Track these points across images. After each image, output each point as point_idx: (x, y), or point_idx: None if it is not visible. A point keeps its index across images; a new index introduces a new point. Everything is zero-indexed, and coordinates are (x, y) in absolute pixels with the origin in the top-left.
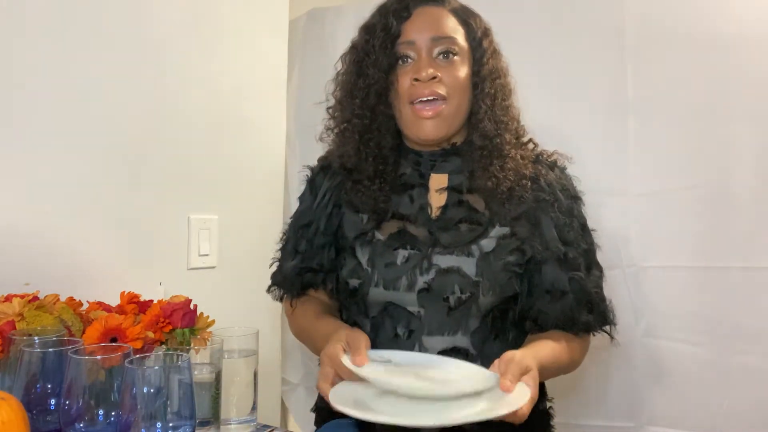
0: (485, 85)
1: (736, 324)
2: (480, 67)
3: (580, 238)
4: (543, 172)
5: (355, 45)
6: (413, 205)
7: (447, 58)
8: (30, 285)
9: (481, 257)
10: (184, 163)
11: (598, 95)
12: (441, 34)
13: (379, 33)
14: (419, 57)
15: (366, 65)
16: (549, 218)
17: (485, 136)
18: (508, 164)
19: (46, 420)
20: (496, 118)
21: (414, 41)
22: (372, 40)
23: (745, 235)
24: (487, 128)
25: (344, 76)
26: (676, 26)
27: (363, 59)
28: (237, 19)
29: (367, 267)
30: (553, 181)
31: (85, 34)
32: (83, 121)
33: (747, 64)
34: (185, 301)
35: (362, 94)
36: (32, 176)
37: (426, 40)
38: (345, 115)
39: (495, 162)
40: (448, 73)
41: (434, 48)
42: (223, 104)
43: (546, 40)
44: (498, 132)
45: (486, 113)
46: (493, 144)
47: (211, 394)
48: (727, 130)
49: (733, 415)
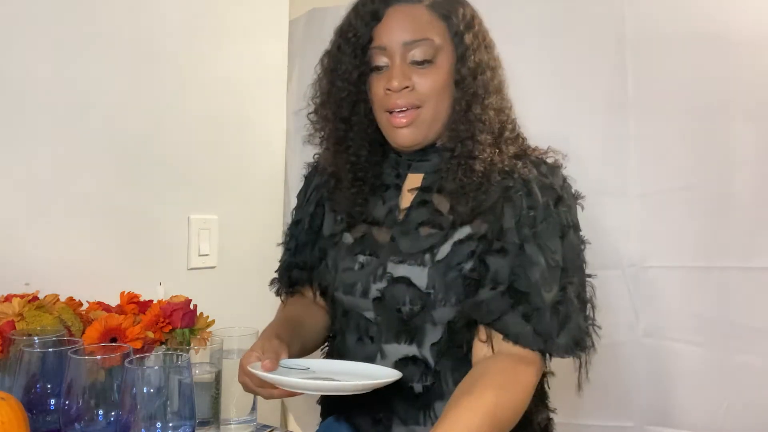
0: (465, 85)
1: (736, 324)
2: (462, 65)
3: (557, 241)
4: (520, 166)
5: (328, 51)
6: (384, 207)
7: (422, 65)
8: (30, 285)
9: (433, 267)
10: (184, 163)
11: (598, 95)
12: (414, 37)
13: (351, 38)
14: (392, 64)
15: (337, 76)
16: (512, 207)
17: (456, 138)
18: (476, 166)
19: (45, 420)
20: (470, 119)
21: (385, 47)
22: (343, 46)
23: (745, 235)
24: (459, 130)
25: (320, 82)
26: (676, 26)
27: (335, 68)
28: (237, 19)
29: (331, 269)
30: (532, 178)
31: (84, 34)
32: (83, 121)
33: (747, 64)
34: (185, 301)
35: (334, 106)
36: (32, 176)
37: (398, 45)
38: (321, 123)
39: (462, 164)
40: (423, 80)
41: (407, 53)
42: (223, 104)
43: (546, 40)
44: (471, 134)
45: (460, 114)
46: (464, 146)
47: (211, 394)
48: (727, 130)
49: (733, 415)
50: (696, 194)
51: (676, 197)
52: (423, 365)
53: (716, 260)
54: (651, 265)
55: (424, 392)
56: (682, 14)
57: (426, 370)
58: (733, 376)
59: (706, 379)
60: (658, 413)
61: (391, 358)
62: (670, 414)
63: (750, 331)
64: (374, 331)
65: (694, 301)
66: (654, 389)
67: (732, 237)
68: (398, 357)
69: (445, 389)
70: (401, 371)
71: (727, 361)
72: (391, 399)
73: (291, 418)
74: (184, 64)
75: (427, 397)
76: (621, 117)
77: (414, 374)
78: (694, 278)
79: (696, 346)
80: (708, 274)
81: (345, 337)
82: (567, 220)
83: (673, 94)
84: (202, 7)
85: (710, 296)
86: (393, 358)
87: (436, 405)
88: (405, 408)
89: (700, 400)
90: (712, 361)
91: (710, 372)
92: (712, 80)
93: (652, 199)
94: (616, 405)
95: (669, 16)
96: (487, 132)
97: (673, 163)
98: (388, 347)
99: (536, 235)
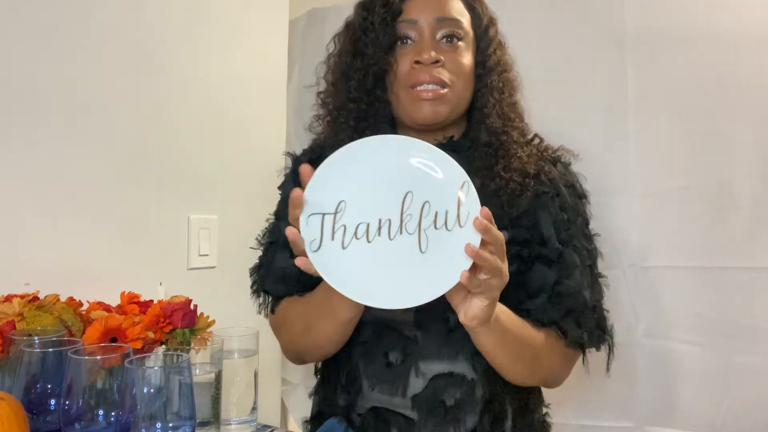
0: (492, 78)
1: (736, 324)
2: (485, 58)
3: (583, 238)
4: (546, 168)
5: (351, 23)
6: None
7: (451, 43)
8: (30, 285)
9: None
10: (184, 164)
11: (598, 95)
12: (446, 15)
13: (379, 9)
14: (421, 38)
15: (364, 44)
16: (548, 213)
17: (493, 133)
18: (514, 163)
19: (45, 420)
20: (503, 114)
21: (416, 20)
22: (370, 16)
23: (745, 235)
24: (495, 124)
25: (338, 57)
26: (676, 26)
27: (360, 38)
28: (237, 19)
29: None
30: (556, 176)
31: (84, 34)
32: (83, 121)
33: (747, 64)
34: (185, 301)
35: (359, 76)
36: (32, 176)
37: (430, 21)
38: (339, 99)
39: (501, 161)
40: (452, 58)
41: (438, 30)
42: (223, 104)
43: (546, 39)
44: (505, 129)
45: (494, 107)
46: (500, 141)
47: (211, 395)
48: (727, 130)
49: (733, 415)
50: (696, 194)
51: (676, 197)
52: (460, 379)
53: (716, 260)
54: (651, 265)
55: (455, 406)
56: (682, 14)
57: (462, 386)
58: (733, 376)
59: (706, 379)
60: (658, 413)
61: (428, 375)
62: (670, 414)
63: (750, 331)
64: (412, 348)
65: (694, 301)
66: (654, 389)
67: (732, 237)
68: (435, 373)
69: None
70: (435, 388)
71: (728, 361)
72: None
73: (291, 418)
74: (184, 64)
75: (458, 411)
76: (621, 117)
77: (448, 388)
78: (694, 278)
79: (696, 346)
80: (708, 274)
81: (367, 364)
82: (587, 215)
83: (673, 94)
84: (202, 8)
85: (710, 296)
86: (430, 375)
87: (467, 419)
88: (435, 422)
89: (700, 400)
90: (713, 361)
91: (710, 372)
92: (712, 80)
93: (652, 199)
94: (616, 405)
95: (669, 16)
96: (517, 130)
97: (673, 163)
98: (426, 365)
99: (571, 236)
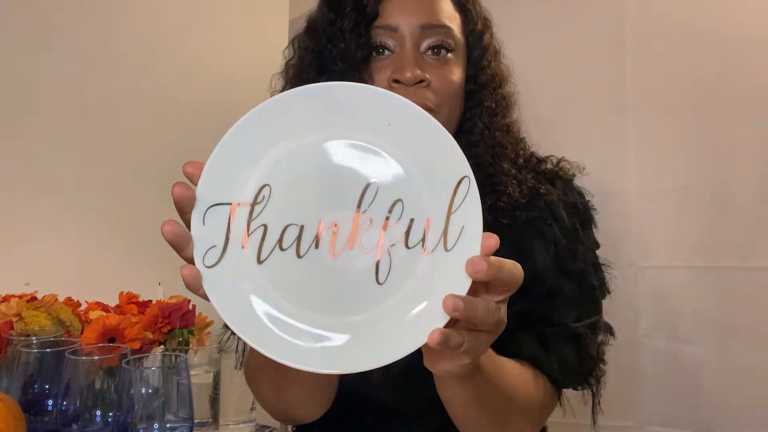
0: (483, 96)
1: (736, 324)
2: (478, 71)
3: (581, 266)
4: (542, 190)
5: (313, 26)
6: None
7: (438, 55)
8: (29, 285)
9: None
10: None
11: (598, 95)
12: (433, 22)
13: (350, 12)
14: (401, 50)
15: (330, 58)
16: (542, 245)
17: (479, 165)
18: (502, 200)
19: (43, 421)
20: (493, 142)
21: (396, 27)
22: (339, 21)
23: (745, 235)
24: (480, 155)
25: (297, 71)
26: (676, 26)
27: (326, 48)
28: (237, 19)
29: None
30: (554, 198)
31: (84, 34)
32: (83, 120)
33: (747, 64)
34: (184, 301)
35: None
36: (32, 176)
37: (413, 28)
38: None
39: (487, 198)
40: (440, 75)
41: (423, 39)
42: (224, 104)
43: (546, 39)
44: (494, 160)
45: (482, 135)
46: (486, 175)
47: (210, 395)
48: (727, 130)
49: (733, 415)
50: (696, 194)
51: (676, 197)
52: None
53: (716, 260)
54: (651, 265)
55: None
56: (682, 14)
57: None
58: (733, 376)
59: (706, 379)
60: (659, 413)
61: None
62: (671, 414)
63: (750, 331)
64: None
65: (694, 301)
66: (654, 389)
67: (732, 237)
68: None
69: None
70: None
71: (727, 361)
72: None
73: None
74: (185, 63)
75: None
76: (621, 117)
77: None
78: (694, 278)
79: (696, 345)
80: (708, 274)
81: None
82: (592, 238)
83: (673, 94)
84: (202, 8)
85: (710, 296)
86: None
87: None
88: None
89: (701, 400)
90: (712, 361)
91: (710, 372)
92: (712, 80)
93: (652, 199)
94: (616, 405)
95: (669, 16)
96: (508, 160)
97: (674, 163)
98: None
99: (570, 270)
